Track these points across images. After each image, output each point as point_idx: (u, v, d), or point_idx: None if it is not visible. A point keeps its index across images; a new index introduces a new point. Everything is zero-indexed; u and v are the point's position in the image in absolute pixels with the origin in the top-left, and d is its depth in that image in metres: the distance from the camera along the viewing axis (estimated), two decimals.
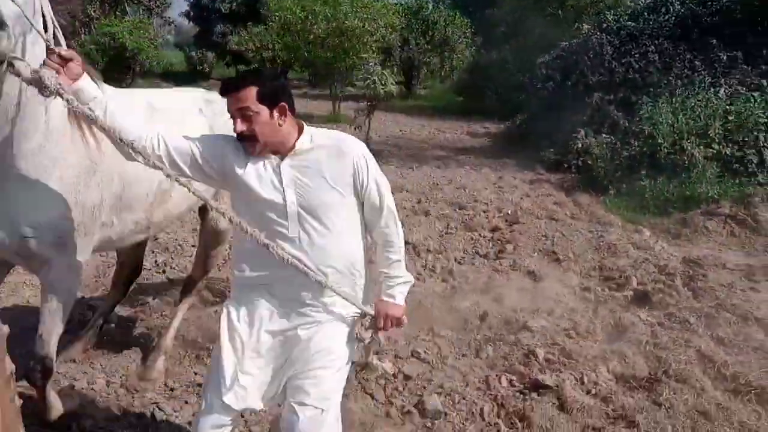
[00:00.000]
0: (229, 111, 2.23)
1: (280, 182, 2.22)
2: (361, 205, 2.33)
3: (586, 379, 3.63)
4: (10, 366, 1.54)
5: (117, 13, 29.03)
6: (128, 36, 21.62)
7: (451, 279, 5.34)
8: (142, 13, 30.76)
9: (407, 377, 3.70)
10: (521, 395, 3.53)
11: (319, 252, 2.23)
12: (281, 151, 2.25)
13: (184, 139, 2.28)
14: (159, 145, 2.22)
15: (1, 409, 1.45)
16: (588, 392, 3.53)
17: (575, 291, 5.13)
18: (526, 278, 5.37)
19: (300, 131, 2.28)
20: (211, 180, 2.36)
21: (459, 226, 6.93)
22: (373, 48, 17.06)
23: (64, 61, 2.12)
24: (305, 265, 2.18)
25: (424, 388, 3.59)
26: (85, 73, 2.17)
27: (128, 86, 23.57)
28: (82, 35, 26.10)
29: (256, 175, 2.25)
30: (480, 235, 6.59)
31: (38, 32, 2.18)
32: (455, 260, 5.82)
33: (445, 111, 19.22)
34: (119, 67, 22.18)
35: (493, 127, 15.68)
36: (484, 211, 7.48)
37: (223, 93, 2.23)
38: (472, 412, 3.37)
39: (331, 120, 16.47)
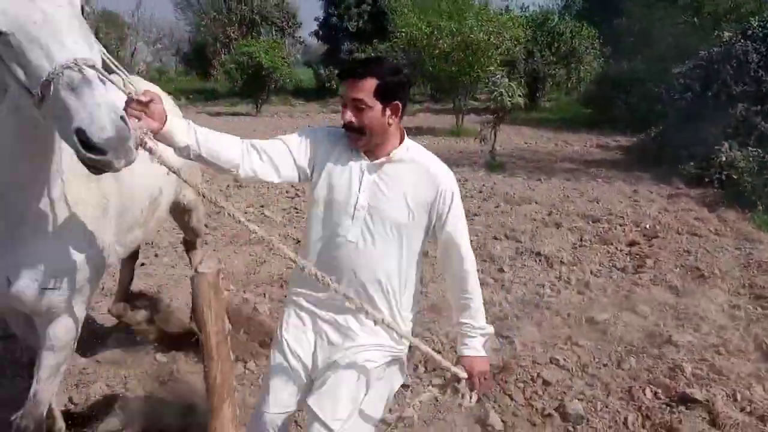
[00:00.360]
0: (341, 96, 2.16)
1: (359, 184, 2.15)
2: (427, 236, 2.23)
3: (739, 396, 3.48)
4: (227, 326, 1.78)
5: (253, 33, 31.14)
6: (264, 55, 23.01)
7: (588, 291, 5.27)
8: (275, 34, 32.74)
9: (546, 382, 3.73)
10: (668, 408, 3.44)
11: (372, 263, 2.15)
12: (376, 151, 2.17)
13: (279, 143, 2.19)
14: (260, 157, 2.12)
15: (220, 364, 1.70)
16: (742, 409, 3.38)
17: (723, 308, 4.88)
18: (668, 293, 5.19)
19: (401, 139, 2.22)
20: (304, 177, 2.23)
21: (593, 239, 6.80)
22: (498, 61, 17.05)
23: (144, 105, 1.79)
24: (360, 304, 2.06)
25: (564, 393, 3.60)
26: (166, 114, 1.86)
27: (263, 102, 25.22)
28: (222, 55, 28.31)
29: (339, 172, 2.19)
30: (616, 248, 6.42)
31: (120, 79, 1.85)
32: (591, 273, 5.72)
33: (571, 123, 18.75)
34: (256, 85, 23.71)
35: (623, 139, 15.12)
36: (620, 225, 7.28)
37: (342, 77, 2.14)
38: (616, 421, 3.34)
39: (455, 133, 16.66)
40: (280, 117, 23.63)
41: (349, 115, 2.09)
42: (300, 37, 35.82)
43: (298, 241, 5.97)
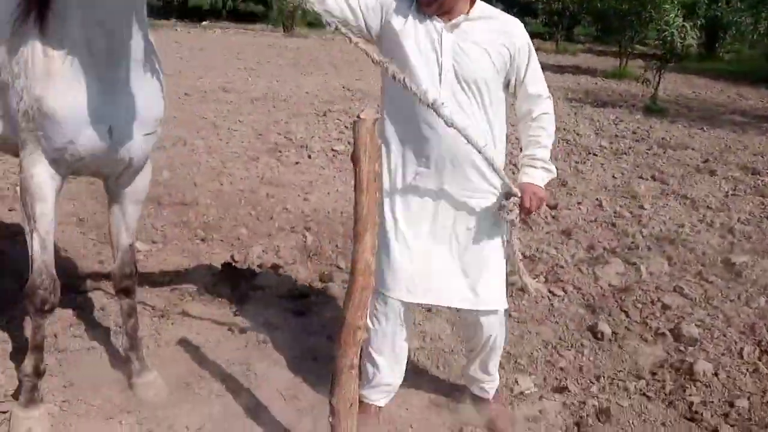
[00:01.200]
0: None
1: (440, 47, 2.18)
2: (508, 87, 2.34)
3: None
4: (376, 167, 2.04)
5: None
6: None
7: (730, 236, 5.07)
8: None
9: (666, 306, 3.78)
10: None
11: (466, 122, 2.16)
12: (451, 14, 2.20)
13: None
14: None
15: (368, 197, 2.00)
16: None
17: None
18: None
19: (473, 1, 2.24)
20: (367, 33, 2.29)
21: (749, 189, 6.40)
22: (675, 2, 15.69)
23: None
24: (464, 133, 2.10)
25: (682, 318, 3.63)
26: None
27: None
28: None
29: (415, 36, 2.21)
30: None
31: None
32: (738, 220, 5.46)
33: (751, 78, 16.96)
34: None
35: None
36: None
37: None
38: (730, 349, 3.35)
39: (616, 75, 15.80)
40: None
41: None
42: None
43: None
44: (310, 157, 6.83)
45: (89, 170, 2.46)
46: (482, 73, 2.23)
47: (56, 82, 2.13)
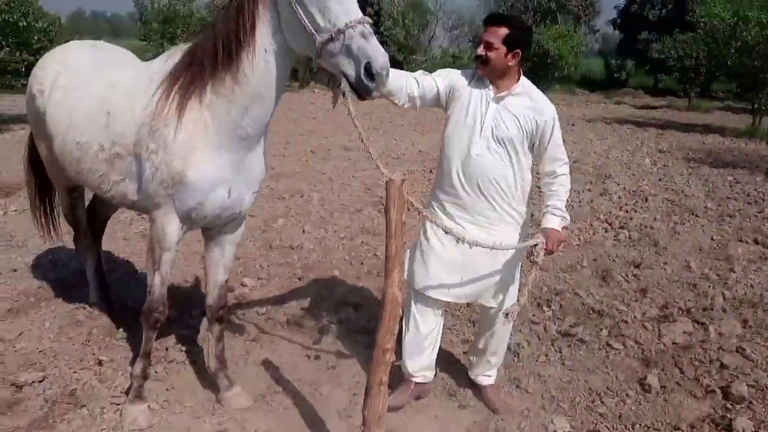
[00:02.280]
0: (480, 36, 3.00)
1: (485, 110, 2.97)
2: (532, 152, 3.04)
3: None
4: (404, 218, 2.56)
5: (548, 21, 31.33)
6: (552, 43, 23.24)
7: None
8: (571, 22, 32.44)
9: (723, 366, 3.81)
10: None
11: (495, 169, 2.97)
12: (499, 85, 2.99)
13: (430, 79, 3.06)
14: (416, 86, 3.02)
15: (396, 241, 2.50)
16: None
17: None
18: None
19: (518, 77, 3.00)
20: (442, 104, 3.12)
21: None
22: None
23: None
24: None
25: (737, 377, 3.66)
26: None
27: (546, 90, 25.45)
28: None
29: (469, 101, 3.01)
30: None
31: None
32: None
33: None
34: (541, 71, 24.09)
35: None
36: None
37: (485, 22, 3.00)
38: None
39: (745, 133, 15.10)
40: (558, 105, 23.65)
41: (481, 50, 2.95)
42: (595, 25, 34.88)
43: None
44: (408, 210, 7.39)
45: (205, 223, 2.99)
46: (511, 135, 2.98)
47: (198, 158, 2.66)
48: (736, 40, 15.60)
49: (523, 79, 3.05)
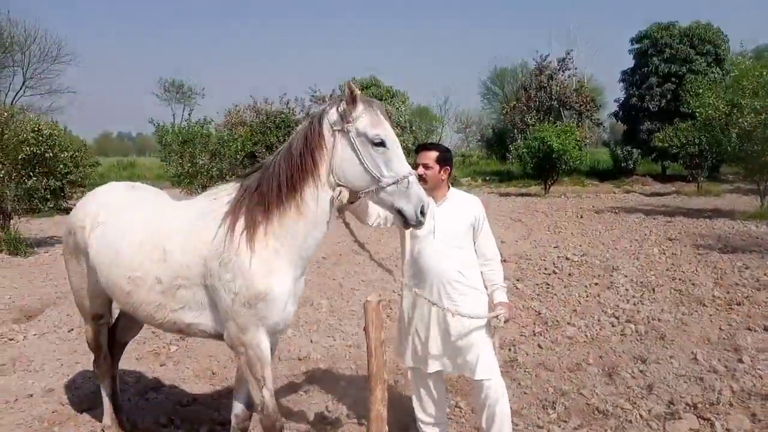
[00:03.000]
0: (417, 162, 3.68)
1: (432, 216, 3.61)
2: (473, 236, 3.77)
3: None
4: (383, 336, 2.73)
5: (551, 118, 32.41)
6: (555, 139, 23.96)
7: None
8: (573, 117, 33.52)
9: None
10: None
11: (450, 261, 3.67)
12: (436, 195, 3.72)
13: None
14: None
15: (376, 360, 2.64)
16: None
17: None
18: None
19: (448, 187, 3.82)
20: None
21: None
22: None
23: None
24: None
25: None
26: None
27: (553, 183, 26.00)
28: (518, 140, 30.04)
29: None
30: None
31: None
32: None
33: None
34: (545, 167, 24.71)
35: None
36: None
37: (419, 148, 3.79)
38: None
39: (755, 216, 15.16)
40: (567, 197, 24.11)
41: (421, 170, 3.65)
42: (598, 119, 35.91)
43: None
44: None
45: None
46: (457, 230, 3.76)
47: (278, 277, 3.08)
48: (734, 126, 16.03)
49: (452, 188, 3.90)
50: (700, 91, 17.73)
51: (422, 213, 2.97)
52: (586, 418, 4.58)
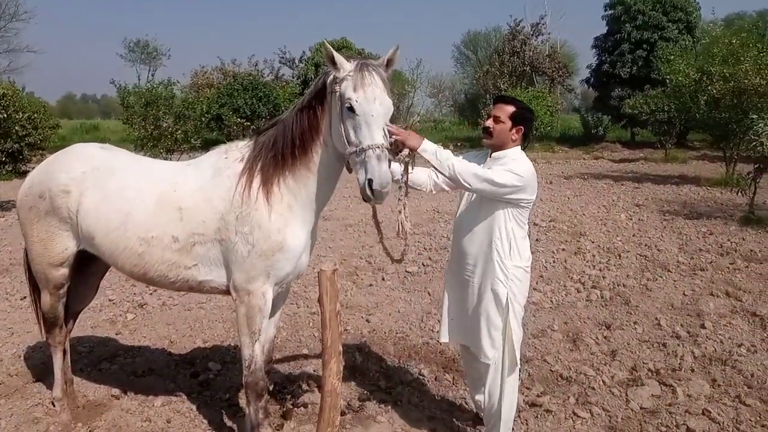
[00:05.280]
0: (489, 113, 3.41)
1: None
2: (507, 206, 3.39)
3: None
4: (338, 306, 2.59)
5: (523, 84, 32.25)
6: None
7: None
8: (546, 83, 33.44)
9: (690, 430, 3.78)
10: None
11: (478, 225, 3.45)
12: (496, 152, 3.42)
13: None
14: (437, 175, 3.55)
15: (331, 332, 2.51)
16: None
17: None
18: None
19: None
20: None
21: None
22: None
23: (405, 133, 3.11)
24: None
25: None
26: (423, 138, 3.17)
27: (524, 149, 25.93)
28: (490, 105, 29.87)
29: None
30: None
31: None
32: None
33: None
34: None
35: None
36: None
37: (496, 100, 3.48)
38: None
39: (720, 183, 15.36)
40: (537, 163, 24.14)
41: (489, 122, 3.41)
42: (570, 85, 35.88)
43: None
44: (383, 279, 7.41)
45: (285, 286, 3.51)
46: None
47: (293, 230, 3.21)
48: (703, 94, 16.09)
49: (518, 151, 3.44)
50: (672, 57, 17.70)
51: (371, 189, 2.76)
52: (550, 385, 4.55)
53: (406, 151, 3.10)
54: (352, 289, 7.06)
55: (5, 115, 12.07)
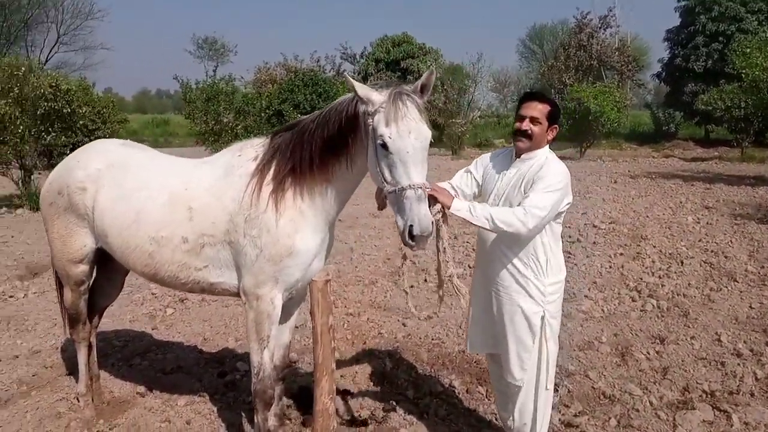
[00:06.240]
0: (521, 113, 3.10)
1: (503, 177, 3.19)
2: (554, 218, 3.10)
3: None
4: (330, 320, 2.41)
5: (590, 79, 31.14)
6: (593, 100, 22.98)
7: None
8: (614, 78, 32.16)
9: None
10: None
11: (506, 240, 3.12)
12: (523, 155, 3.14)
13: (466, 175, 3.41)
14: (463, 188, 3.37)
15: (323, 348, 2.34)
16: None
17: None
18: None
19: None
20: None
21: None
22: None
23: (437, 192, 2.86)
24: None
25: None
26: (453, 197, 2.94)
27: (588, 146, 25.06)
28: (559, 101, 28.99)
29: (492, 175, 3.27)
30: None
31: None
32: None
33: None
34: (582, 129, 23.78)
35: None
36: None
37: (527, 97, 3.15)
38: None
39: None
40: (602, 161, 23.22)
41: (526, 125, 3.08)
42: (640, 79, 34.39)
43: None
44: (426, 280, 7.18)
45: (295, 292, 3.34)
46: (510, 193, 3.19)
47: (304, 233, 3.06)
48: None
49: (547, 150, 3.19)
50: (748, 50, 16.58)
51: (411, 236, 2.56)
52: (590, 404, 4.22)
53: (438, 206, 2.87)
54: (392, 290, 6.87)
55: (70, 110, 12.50)
